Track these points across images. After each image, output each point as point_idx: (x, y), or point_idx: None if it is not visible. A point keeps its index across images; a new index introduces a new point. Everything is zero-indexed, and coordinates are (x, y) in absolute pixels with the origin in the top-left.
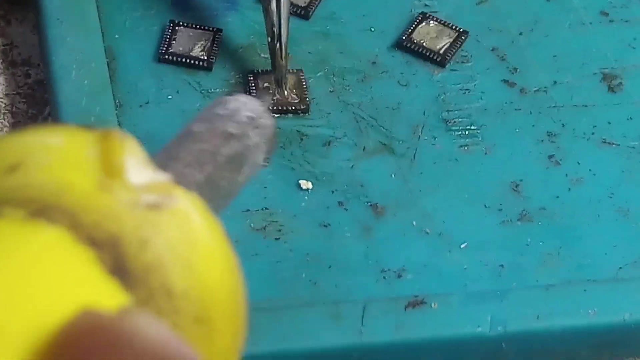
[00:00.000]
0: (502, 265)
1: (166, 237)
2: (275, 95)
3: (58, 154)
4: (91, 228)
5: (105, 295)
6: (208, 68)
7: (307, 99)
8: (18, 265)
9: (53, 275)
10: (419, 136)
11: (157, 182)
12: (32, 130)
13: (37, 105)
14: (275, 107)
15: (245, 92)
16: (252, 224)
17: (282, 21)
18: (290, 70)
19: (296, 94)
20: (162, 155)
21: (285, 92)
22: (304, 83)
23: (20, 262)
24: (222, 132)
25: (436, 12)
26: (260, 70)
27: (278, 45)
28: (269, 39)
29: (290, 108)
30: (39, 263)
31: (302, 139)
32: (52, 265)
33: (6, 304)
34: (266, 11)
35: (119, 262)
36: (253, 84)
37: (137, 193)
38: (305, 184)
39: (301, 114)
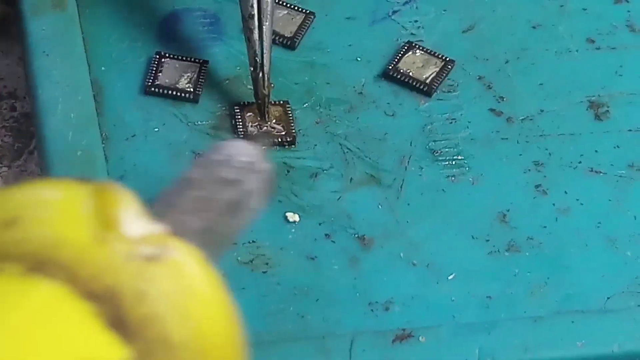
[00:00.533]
0: (489, 297)
1: (163, 288)
2: (261, 127)
3: (54, 208)
4: (89, 281)
5: (105, 349)
6: (194, 100)
7: (294, 131)
8: (18, 321)
9: (53, 330)
10: (406, 167)
11: (153, 233)
12: (28, 185)
13: (23, 138)
14: (259, 139)
15: (231, 124)
16: (239, 258)
17: (264, 50)
18: (276, 102)
19: (282, 126)
20: (159, 203)
21: (269, 123)
22: (290, 114)
23: (20, 318)
24: (219, 179)
25: (422, 41)
26: (245, 102)
27: (260, 74)
28: (252, 68)
29: (276, 140)
30: (38, 318)
31: (288, 171)
32: (52, 320)
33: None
34: (248, 40)
35: (117, 315)
36: (239, 116)
37: (133, 245)
38: (292, 217)
39: (287, 146)
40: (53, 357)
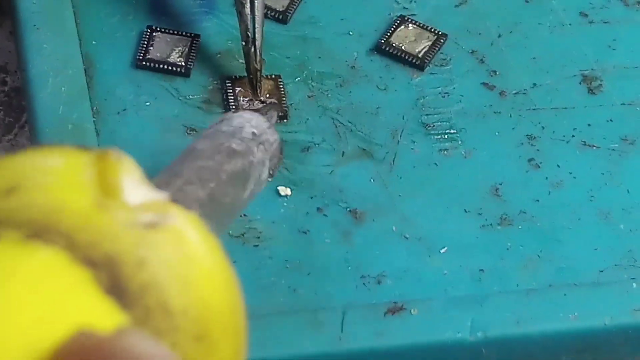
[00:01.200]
0: (482, 270)
1: (163, 256)
2: (253, 102)
3: (55, 176)
4: (87, 248)
5: (101, 316)
6: (186, 74)
7: (285, 106)
8: (14, 287)
9: (49, 296)
10: (398, 141)
11: (153, 201)
12: (28, 152)
13: (14, 112)
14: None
15: (223, 99)
16: (230, 231)
17: (256, 24)
18: (269, 76)
19: (274, 101)
20: (165, 172)
21: (261, 97)
22: (282, 89)
23: (16, 283)
24: (226, 149)
25: (415, 15)
26: (237, 76)
27: (252, 49)
28: (243, 42)
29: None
30: (35, 284)
31: (281, 140)
32: (48, 286)
33: (2, 325)
34: (240, 14)
35: (115, 282)
36: (230, 90)
37: (134, 212)
38: (284, 190)
39: (279, 121)
40: (48, 322)
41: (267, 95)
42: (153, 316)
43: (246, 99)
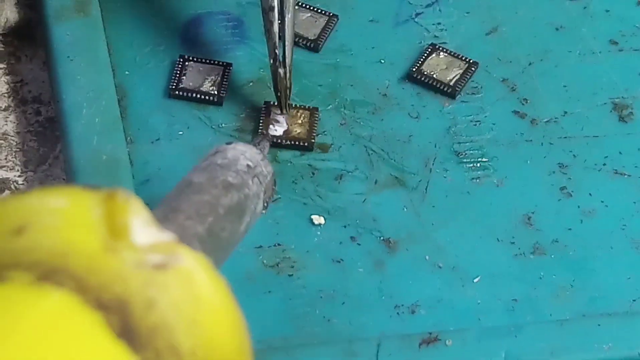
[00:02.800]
0: (515, 300)
1: (172, 297)
2: (284, 126)
3: (63, 216)
4: (98, 291)
5: (114, 359)
6: (218, 103)
7: (313, 138)
8: (27, 331)
9: (63, 340)
10: (431, 169)
11: (162, 241)
12: (36, 192)
13: (48, 143)
14: (280, 140)
15: (256, 125)
16: (264, 261)
17: (286, 43)
18: (306, 107)
19: (303, 130)
20: (162, 206)
21: (293, 122)
22: (316, 122)
23: (29, 327)
24: (222, 182)
25: (445, 43)
26: (272, 102)
27: (281, 67)
28: (271, 61)
29: (293, 143)
30: (48, 328)
31: (313, 174)
32: (61, 330)
33: None
34: (268, 33)
35: (126, 325)
36: (263, 114)
37: (143, 253)
38: (317, 219)
39: (302, 151)
40: None
41: (300, 123)
42: (163, 358)
43: (278, 125)
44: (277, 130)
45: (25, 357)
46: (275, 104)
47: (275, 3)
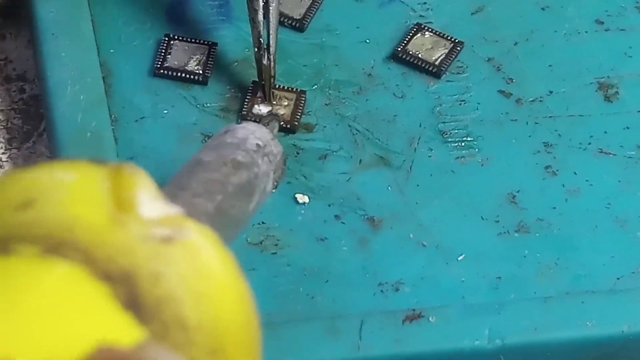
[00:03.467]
0: (499, 277)
1: (178, 270)
2: (266, 108)
3: (70, 190)
4: (105, 263)
5: (121, 330)
6: (203, 82)
7: (297, 121)
8: (34, 303)
9: (69, 311)
10: (415, 148)
11: (169, 215)
12: (43, 166)
13: (33, 120)
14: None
15: (241, 105)
16: (249, 239)
17: (271, 31)
18: (293, 89)
19: (288, 112)
20: (171, 185)
21: (275, 106)
22: (301, 105)
23: (36, 299)
24: (231, 161)
25: (431, 22)
26: (255, 82)
27: (266, 55)
28: (255, 49)
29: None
30: (54, 300)
31: (298, 153)
32: (68, 301)
33: (24, 342)
34: (253, 21)
35: (133, 297)
36: (249, 94)
37: (149, 227)
38: (301, 198)
39: (286, 133)
40: (69, 338)
41: (285, 105)
42: (170, 331)
43: (261, 107)
44: (262, 110)
45: (33, 328)
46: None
47: None
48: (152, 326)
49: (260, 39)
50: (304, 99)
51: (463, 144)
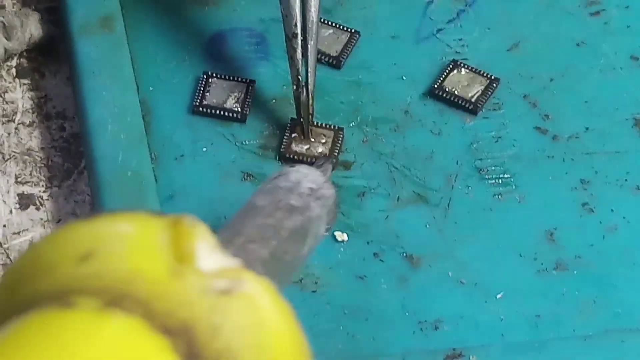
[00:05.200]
0: (538, 315)
1: (237, 323)
2: (307, 145)
3: (130, 242)
4: (165, 316)
5: None
6: (242, 120)
7: (335, 158)
8: (97, 356)
9: None
10: (453, 185)
11: (227, 267)
12: (102, 218)
13: (72, 158)
14: (302, 158)
15: (280, 142)
16: None
17: (309, 69)
18: (331, 126)
19: (328, 149)
20: (226, 230)
21: (316, 141)
22: (339, 142)
23: (98, 353)
24: (285, 206)
25: (467, 59)
26: (294, 119)
27: (304, 93)
28: (294, 87)
29: (314, 162)
30: (116, 354)
31: (336, 191)
32: (129, 355)
33: None
34: (291, 59)
35: (192, 350)
36: (287, 131)
37: (208, 279)
38: (340, 236)
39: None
40: None
41: (323, 142)
42: None
43: (299, 145)
44: (300, 148)
45: None
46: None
47: (299, 30)
48: None
49: (299, 77)
50: (341, 136)
51: (500, 180)
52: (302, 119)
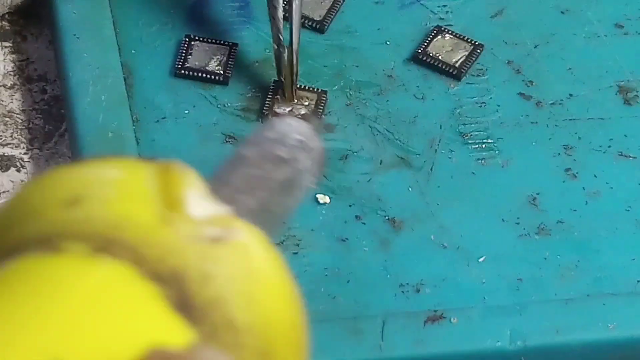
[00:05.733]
0: (520, 279)
1: (228, 271)
2: (286, 108)
3: (118, 187)
4: (155, 263)
5: (172, 332)
6: (224, 82)
7: (319, 119)
8: (85, 302)
9: (120, 312)
10: (436, 149)
11: (218, 214)
12: (90, 163)
13: (54, 121)
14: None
15: (262, 104)
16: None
17: (293, 29)
18: (314, 89)
19: (310, 111)
20: (214, 181)
21: (299, 104)
22: (322, 105)
23: (87, 298)
24: (273, 157)
25: (451, 25)
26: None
27: (286, 52)
28: (275, 46)
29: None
30: (106, 300)
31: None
32: (119, 301)
33: (75, 341)
34: (272, 18)
35: (183, 297)
36: (270, 92)
37: (199, 226)
38: (322, 198)
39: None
40: (121, 339)
41: (306, 105)
42: (220, 332)
43: (281, 107)
44: (283, 110)
45: (84, 327)
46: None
47: None
48: (202, 328)
49: (280, 36)
50: (325, 99)
51: (483, 145)
52: (284, 79)
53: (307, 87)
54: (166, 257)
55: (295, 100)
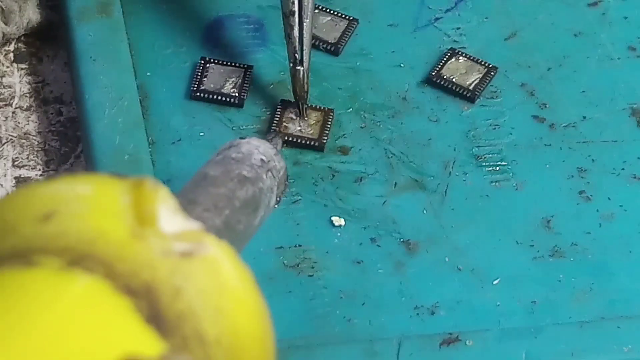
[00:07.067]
0: (534, 302)
1: (198, 285)
2: (298, 126)
3: (91, 203)
4: (127, 277)
5: (143, 344)
6: (239, 105)
7: (325, 138)
8: (59, 316)
9: (93, 325)
10: (450, 172)
11: (188, 230)
12: (63, 179)
13: (70, 142)
14: (292, 139)
15: (272, 124)
16: (285, 261)
17: (304, 47)
18: (321, 108)
19: (318, 129)
20: (180, 199)
21: (306, 122)
22: (329, 122)
23: (60, 312)
24: (237, 176)
25: (465, 47)
26: (289, 101)
27: (300, 71)
28: (291, 64)
29: (304, 142)
30: (79, 313)
31: (333, 176)
32: (92, 315)
33: (51, 355)
34: (289, 37)
35: (154, 311)
36: (278, 114)
37: (170, 241)
38: (337, 221)
39: (313, 150)
40: (93, 351)
41: (313, 123)
42: (190, 344)
43: (292, 124)
44: (290, 128)
45: (58, 341)
46: (292, 101)
47: (296, 7)
48: (173, 340)
49: (296, 54)
50: (331, 116)
51: (497, 168)
52: (298, 98)
53: (314, 106)
54: (138, 272)
55: (306, 118)
